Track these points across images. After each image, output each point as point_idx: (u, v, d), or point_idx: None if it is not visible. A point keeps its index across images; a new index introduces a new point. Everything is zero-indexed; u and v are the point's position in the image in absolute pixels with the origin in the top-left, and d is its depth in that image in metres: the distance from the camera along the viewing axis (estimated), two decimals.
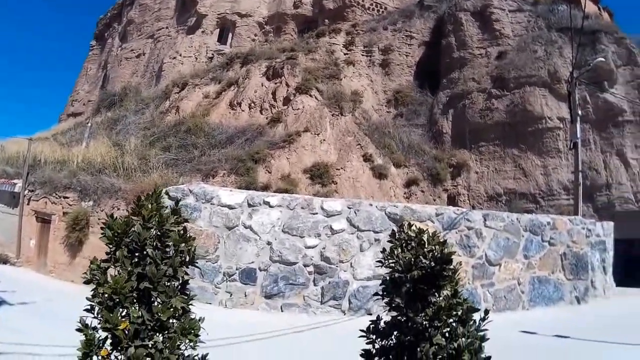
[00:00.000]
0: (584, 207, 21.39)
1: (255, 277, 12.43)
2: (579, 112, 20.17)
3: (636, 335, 11.38)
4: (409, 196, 23.49)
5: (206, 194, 12.96)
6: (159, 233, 3.43)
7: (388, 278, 3.94)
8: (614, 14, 32.50)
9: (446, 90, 26.85)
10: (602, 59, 22.72)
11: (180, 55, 33.41)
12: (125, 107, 28.98)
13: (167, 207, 3.56)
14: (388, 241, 4.07)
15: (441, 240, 3.91)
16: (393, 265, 3.89)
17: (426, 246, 3.86)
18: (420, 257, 3.79)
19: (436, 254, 3.77)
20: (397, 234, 4.04)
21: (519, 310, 15.02)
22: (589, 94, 24.41)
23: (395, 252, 3.93)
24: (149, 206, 3.45)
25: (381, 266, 3.98)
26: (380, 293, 4.01)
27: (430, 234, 3.95)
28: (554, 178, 23.81)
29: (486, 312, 3.79)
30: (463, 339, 3.59)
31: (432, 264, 3.76)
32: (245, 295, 12.34)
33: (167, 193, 12.31)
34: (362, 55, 29.47)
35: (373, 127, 25.26)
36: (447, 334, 3.66)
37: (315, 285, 12.57)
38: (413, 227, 4.02)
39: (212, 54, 33.37)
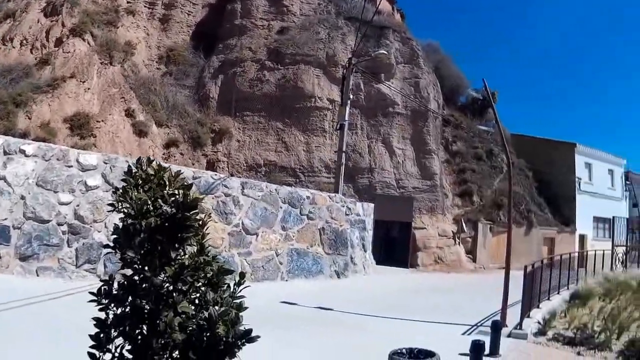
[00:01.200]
0: (345, 187, 21.82)
1: (9, 236, 11.24)
2: (351, 97, 20.65)
3: (391, 308, 12.26)
4: (168, 157, 22.62)
5: None
6: None
7: (120, 226, 3.17)
8: (406, 16, 34.72)
9: (220, 55, 26.39)
10: (384, 52, 23.51)
11: None
12: None
13: None
14: (122, 179, 3.30)
15: (187, 184, 3.22)
16: (127, 209, 3.14)
17: (168, 188, 3.18)
18: (159, 200, 3.10)
19: (179, 198, 3.10)
20: (132, 171, 3.28)
21: (278, 281, 15.42)
22: (364, 83, 25.37)
23: (130, 194, 3.15)
24: None
25: (112, 211, 3.19)
26: (112, 244, 3.18)
27: (173, 173, 3.26)
28: (316, 155, 24.19)
29: (242, 275, 3.19)
30: (216, 307, 3.00)
31: (174, 210, 3.07)
32: (0, 257, 11.16)
33: None
34: (145, 6, 28.11)
35: (140, 82, 24.11)
36: (196, 301, 3.09)
37: (69, 246, 11.80)
38: (154, 164, 3.30)
39: None
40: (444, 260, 25.38)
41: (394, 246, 25.20)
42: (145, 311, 3.01)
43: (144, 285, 3.03)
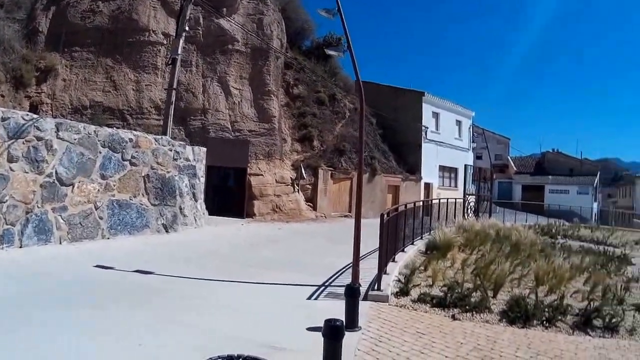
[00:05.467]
0: (176, 130, 23.39)
1: None
2: (187, 29, 21.75)
3: (220, 268, 12.17)
4: None
5: None
6: None
7: None
8: None
9: None
10: None
11: None
12: None
13: None
14: None
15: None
16: None
17: None
18: None
19: None
20: None
21: (99, 240, 15.03)
22: (204, 17, 26.79)
23: None
24: None
25: None
26: None
27: None
28: (146, 95, 25.34)
29: None
30: None
31: None
32: None
33: None
34: None
35: None
36: None
37: None
38: None
39: None
40: (283, 209, 27.15)
41: (229, 195, 26.41)
42: None
43: None
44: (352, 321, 7.84)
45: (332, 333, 5.56)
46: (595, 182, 69.06)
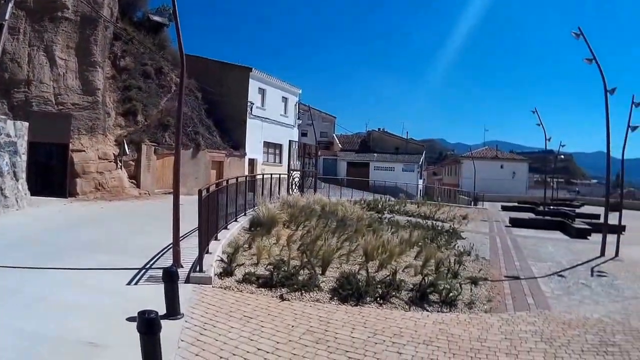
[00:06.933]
0: None
1: None
2: None
3: (40, 253, 11.88)
4: None
5: None
6: None
7: None
8: None
9: None
10: None
11: None
12: None
13: None
14: None
15: None
16: None
17: None
18: None
19: None
20: None
21: None
22: None
23: None
24: None
25: None
26: None
27: None
28: None
29: None
30: None
31: None
32: None
33: None
34: None
35: None
36: None
37: None
38: None
39: None
40: (106, 187, 28.14)
41: (52, 173, 26.53)
42: None
43: None
44: (173, 308, 7.77)
45: (147, 327, 5.42)
46: (421, 160, 76.74)
